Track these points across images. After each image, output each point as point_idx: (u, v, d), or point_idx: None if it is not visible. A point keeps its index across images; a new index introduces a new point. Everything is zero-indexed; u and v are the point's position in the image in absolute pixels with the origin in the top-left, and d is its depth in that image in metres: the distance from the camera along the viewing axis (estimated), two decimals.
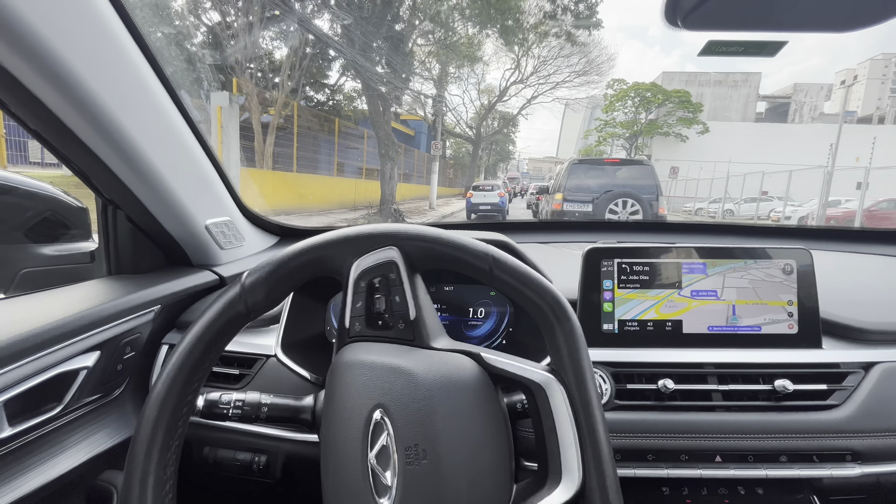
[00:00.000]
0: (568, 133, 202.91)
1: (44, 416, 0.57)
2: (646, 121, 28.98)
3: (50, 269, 0.75)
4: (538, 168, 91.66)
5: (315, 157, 12.09)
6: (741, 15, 0.56)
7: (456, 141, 30.87)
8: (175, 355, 0.44)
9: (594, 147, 31.80)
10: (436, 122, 16.83)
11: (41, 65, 0.50)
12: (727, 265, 0.74)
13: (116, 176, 0.65)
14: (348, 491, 0.42)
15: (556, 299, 0.46)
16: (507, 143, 43.15)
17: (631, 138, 30.43)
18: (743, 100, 37.66)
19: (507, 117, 28.87)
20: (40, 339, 0.55)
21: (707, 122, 27.78)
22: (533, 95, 23.92)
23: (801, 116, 38.70)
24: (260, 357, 0.74)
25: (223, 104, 7.57)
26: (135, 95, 0.62)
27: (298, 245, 0.47)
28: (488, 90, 25.65)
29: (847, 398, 0.68)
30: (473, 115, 25.93)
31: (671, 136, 28.45)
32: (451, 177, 31.04)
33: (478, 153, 27.17)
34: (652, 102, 27.98)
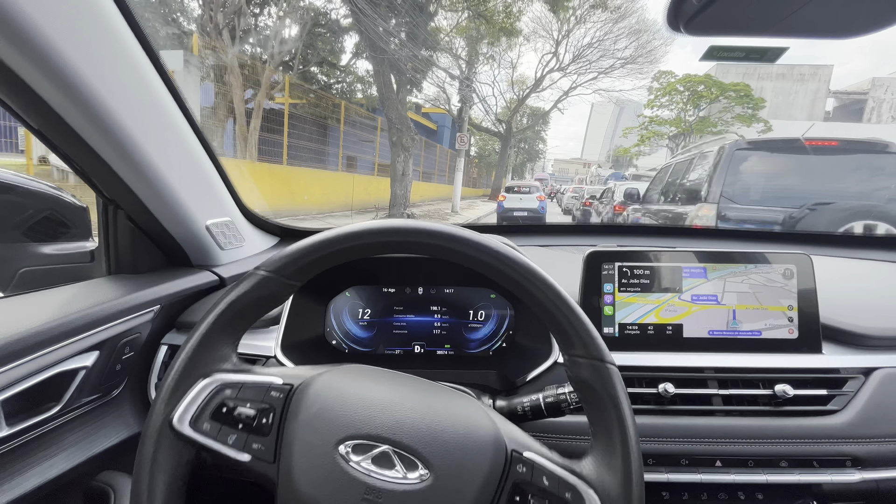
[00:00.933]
0: (594, 133, 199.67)
1: (42, 416, 0.56)
2: (695, 118, 24.65)
3: (49, 268, 0.74)
4: (564, 169, 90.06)
5: (317, 147, 10.07)
6: (743, 20, 0.56)
7: (482, 137, 28.11)
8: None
9: (633, 147, 29.05)
10: (462, 110, 14.64)
11: (44, 63, 0.50)
12: (728, 269, 0.74)
13: (118, 175, 0.65)
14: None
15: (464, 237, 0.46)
16: (537, 142, 39.51)
17: (676, 138, 27.22)
18: (810, 96, 32.53)
19: (538, 113, 26.22)
20: (39, 338, 0.54)
21: (769, 121, 23.30)
22: (572, 86, 21.22)
23: (878, 115, 32.15)
24: (259, 358, 0.74)
25: (177, 67, 6.14)
26: (137, 94, 0.62)
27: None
28: (521, 80, 22.70)
29: (847, 404, 0.68)
30: (503, 109, 23.02)
31: (724, 135, 25.43)
32: (474, 176, 28.48)
33: (507, 151, 24.29)
34: (704, 97, 23.78)
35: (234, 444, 0.42)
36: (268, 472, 0.41)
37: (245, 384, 0.44)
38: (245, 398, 0.43)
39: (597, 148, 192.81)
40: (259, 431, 0.42)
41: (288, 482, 0.40)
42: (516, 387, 0.73)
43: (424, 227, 0.46)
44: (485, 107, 22.52)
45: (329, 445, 0.40)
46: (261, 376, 0.45)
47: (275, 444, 0.42)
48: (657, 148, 29.91)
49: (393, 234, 0.46)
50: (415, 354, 0.82)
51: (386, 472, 0.38)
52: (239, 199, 0.94)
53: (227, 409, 0.43)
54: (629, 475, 0.41)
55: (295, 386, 0.44)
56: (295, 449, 0.41)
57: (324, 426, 0.41)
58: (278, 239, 1.10)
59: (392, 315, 0.83)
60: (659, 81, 24.97)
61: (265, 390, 0.44)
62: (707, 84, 23.26)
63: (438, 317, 0.83)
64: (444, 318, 0.84)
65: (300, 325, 0.78)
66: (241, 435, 0.42)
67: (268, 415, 0.43)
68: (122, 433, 0.67)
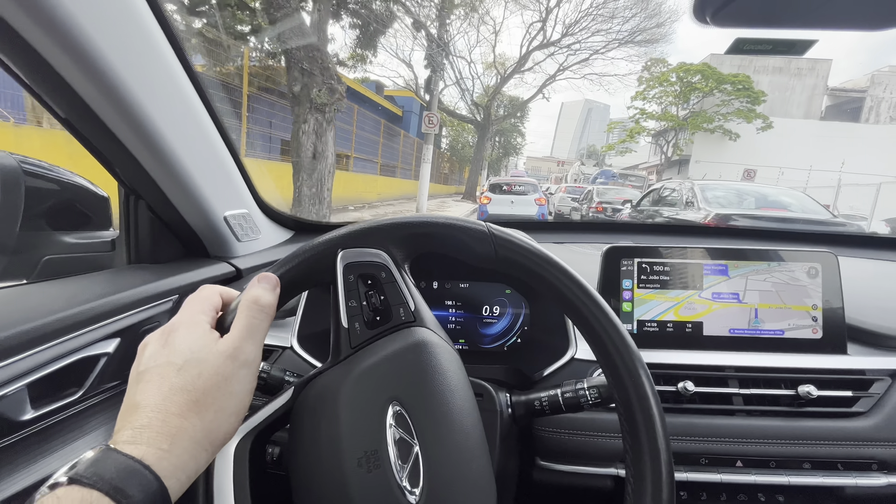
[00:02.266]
0: (563, 132, 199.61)
1: (65, 401, 0.57)
2: (689, 112, 22.49)
3: (72, 257, 0.76)
4: (537, 167, 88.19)
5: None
6: (771, 12, 0.55)
7: (454, 128, 24.71)
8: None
9: (619, 143, 26.09)
10: (431, 80, 10.75)
11: (76, 53, 0.50)
12: (750, 267, 0.72)
13: (141, 165, 0.66)
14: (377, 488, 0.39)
15: (577, 281, 0.45)
16: (515, 135, 35.09)
17: (663, 133, 24.41)
18: (808, 92, 29.54)
19: (516, 102, 22.88)
20: (62, 324, 0.55)
21: (769, 118, 20.97)
22: (560, 68, 18.36)
23: (877, 115, 29.75)
24: (276, 348, 0.74)
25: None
26: (162, 85, 0.63)
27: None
28: (501, 61, 19.20)
29: (873, 406, 0.66)
30: (479, 95, 19.56)
31: (717, 132, 21.61)
32: (445, 172, 24.33)
33: (484, 141, 20.01)
34: (698, 90, 21.30)
35: (349, 309, 0.44)
36: (339, 349, 0.43)
37: (396, 282, 0.45)
38: (386, 291, 0.45)
39: (566, 146, 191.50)
40: (368, 320, 0.44)
41: (341, 374, 0.42)
42: (532, 382, 0.73)
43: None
44: (460, 87, 18.85)
45: (389, 392, 0.40)
46: (407, 290, 0.46)
47: (366, 340, 0.43)
48: (644, 146, 27.75)
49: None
50: None
51: (398, 459, 0.38)
52: (256, 192, 0.95)
53: (370, 283, 0.45)
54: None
55: (414, 324, 0.45)
56: (370, 362, 0.42)
57: (401, 376, 0.41)
58: (293, 233, 1.11)
59: None
60: (650, 71, 22.43)
61: (400, 303, 0.45)
62: (705, 74, 20.88)
63: (453, 311, 0.83)
64: (459, 312, 0.83)
65: (317, 317, 0.78)
66: (357, 308, 0.44)
67: (385, 319, 0.44)
68: None
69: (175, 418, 0.31)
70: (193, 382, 0.33)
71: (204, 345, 0.35)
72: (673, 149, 23.83)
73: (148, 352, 0.36)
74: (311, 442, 0.40)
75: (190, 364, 0.34)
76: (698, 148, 23.23)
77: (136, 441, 0.30)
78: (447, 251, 0.47)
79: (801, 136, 22.67)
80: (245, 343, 0.37)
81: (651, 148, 30.35)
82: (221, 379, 0.34)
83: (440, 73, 10.44)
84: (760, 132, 20.94)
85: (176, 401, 0.32)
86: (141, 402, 0.32)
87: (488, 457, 0.43)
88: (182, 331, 0.36)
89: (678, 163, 25.16)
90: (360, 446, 0.38)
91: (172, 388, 0.33)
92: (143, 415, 0.31)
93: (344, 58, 10.02)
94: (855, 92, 30.71)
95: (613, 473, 0.66)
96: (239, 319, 0.38)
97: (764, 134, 21.08)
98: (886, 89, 29.62)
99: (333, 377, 0.42)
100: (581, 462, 0.66)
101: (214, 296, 0.41)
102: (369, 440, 0.38)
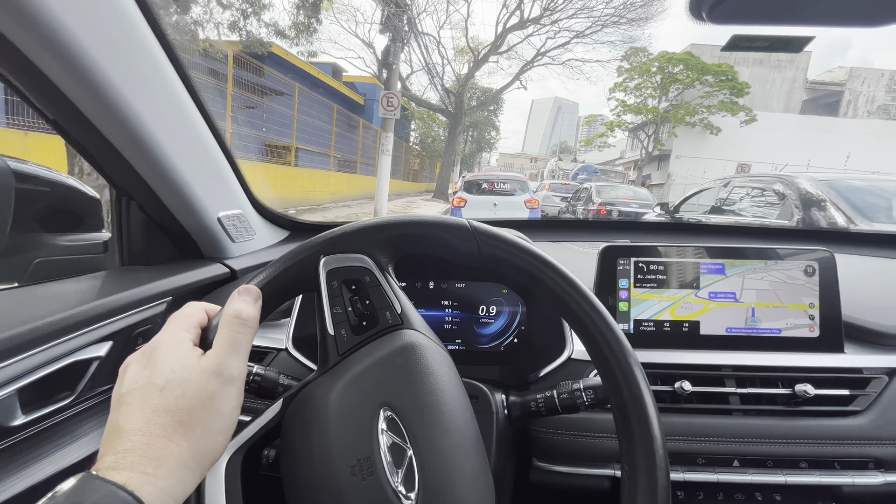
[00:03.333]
0: (534, 129, 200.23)
1: (56, 405, 0.57)
2: (670, 104, 21.43)
3: (64, 259, 0.75)
4: (510, 164, 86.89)
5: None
6: (768, 8, 0.55)
7: (424, 121, 21.72)
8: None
9: (598, 138, 24.39)
10: (390, 54, 8.31)
11: (62, 54, 0.49)
12: (747, 266, 0.72)
13: (132, 166, 0.65)
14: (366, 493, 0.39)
15: (565, 276, 0.45)
16: (490, 128, 32.29)
17: (643, 127, 23.21)
18: (787, 85, 28.95)
19: (489, 93, 20.42)
20: (54, 327, 0.55)
21: (753, 111, 19.97)
22: (539, 52, 16.31)
23: (855, 109, 29.04)
24: (271, 350, 0.74)
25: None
26: (153, 85, 0.62)
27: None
28: (475, 46, 16.84)
29: (870, 404, 0.66)
30: (453, 83, 17.22)
31: (698, 126, 20.71)
32: (415, 168, 22.25)
33: (457, 133, 17.28)
34: (679, 81, 20.30)
35: (334, 316, 0.43)
36: (327, 357, 0.43)
37: (381, 286, 0.45)
38: (371, 295, 0.44)
39: (537, 143, 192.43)
40: (354, 326, 0.44)
41: (330, 382, 0.41)
42: (528, 382, 0.72)
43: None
44: (429, 71, 16.13)
45: (380, 398, 0.40)
46: (393, 293, 0.45)
47: (353, 346, 0.43)
48: (621, 141, 26.17)
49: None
50: None
51: (391, 464, 0.37)
52: (250, 192, 0.94)
53: (354, 288, 0.44)
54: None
55: (402, 327, 0.44)
56: (359, 368, 0.41)
57: (390, 380, 0.41)
58: (288, 232, 1.10)
59: None
60: (629, 61, 21.03)
61: (385, 306, 0.44)
62: (688, 63, 19.66)
63: (449, 311, 0.83)
64: (455, 313, 0.83)
65: (311, 318, 0.78)
66: (343, 314, 0.44)
67: (371, 323, 0.44)
68: None
69: (160, 440, 0.30)
70: (177, 402, 0.32)
71: (186, 363, 0.34)
72: (654, 143, 22.91)
73: (129, 373, 0.35)
74: (304, 453, 0.39)
75: (172, 384, 0.33)
76: (679, 142, 22.32)
77: (119, 466, 0.29)
78: (431, 251, 0.47)
79: (778, 130, 22.05)
80: (228, 359, 0.36)
81: (629, 143, 29.18)
82: (206, 397, 0.33)
83: (401, 44, 8.09)
84: (744, 125, 20.15)
85: (160, 422, 0.31)
86: (124, 425, 0.31)
87: (484, 456, 0.43)
88: (163, 349, 0.35)
89: (658, 158, 24.58)
90: (352, 454, 0.38)
91: (156, 409, 0.32)
92: (125, 439, 0.30)
93: (284, 26, 8.25)
94: (833, 85, 29.95)
95: (611, 474, 0.66)
96: (221, 335, 0.37)
97: (746, 128, 20.32)
98: (865, 83, 29.04)
99: (322, 386, 0.41)
100: (578, 463, 0.66)
101: (198, 312, 0.40)
102: (362, 447, 0.38)
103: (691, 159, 21.19)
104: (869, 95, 29.02)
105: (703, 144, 21.55)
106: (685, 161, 21.31)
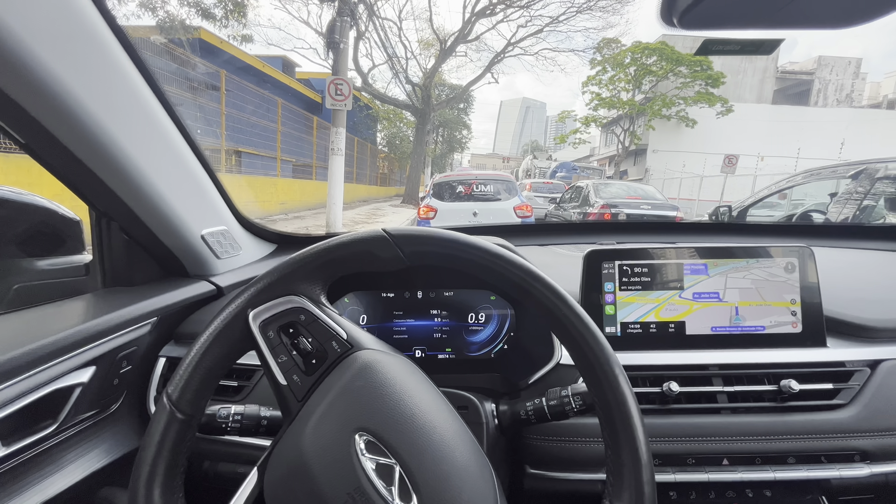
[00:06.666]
0: (504, 129, 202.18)
1: (39, 435, 0.55)
2: (645, 97, 20.72)
3: (44, 284, 0.74)
4: (482, 164, 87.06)
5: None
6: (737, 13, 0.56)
7: (389, 119, 20.34)
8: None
9: (572, 134, 23.90)
10: (336, 31, 6.45)
11: (29, 76, 0.49)
12: (729, 265, 0.73)
13: (108, 187, 0.64)
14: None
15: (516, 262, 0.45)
16: (461, 127, 30.55)
17: (618, 121, 22.65)
18: (759, 75, 28.34)
19: (457, 90, 18.92)
20: (33, 356, 0.54)
21: (729, 101, 19.49)
22: (511, 40, 15.20)
23: (825, 98, 28.47)
24: (258, 368, 0.73)
25: None
26: (125, 103, 0.62)
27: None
28: (440, 35, 15.53)
29: (854, 397, 0.67)
30: (420, 78, 15.71)
31: (674, 119, 20.08)
32: (383, 172, 21.08)
33: (425, 131, 15.89)
34: (653, 73, 19.75)
35: (281, 365, 0.44)
36: (289, 406, 0.43)
37: (318, 320, 0.45)
38: (311, 332, 0.45)
39: (507, 143, 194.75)
40: (305, 368, 0.44)
41: (298, 431, 0.41)
42: (519, 389, 0.72)
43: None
44: (392, 64, 14.67)
45: (351, 426, 0.40)
46: (333, 322, 0.45)
47: (310, 388, 0.43)
48: (595, 136, 25.54)
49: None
50: (415, 359, 0.82)
51: (382, 484, 0.37)
52: (234, 207, 0.93)
53: (293, 331, 0.45)
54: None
55: (352, 352, 0.44)
56: (322, 407, 0.41)
57: (356, 406, 0.41)
58: (275, 246, 1.09)
59: (392, 320, 0.82)
60: (602, 52, 20.38)
61: (330, 337, 0.45)
62: (663, 54, 18.92)
63: (438, 321, 0.83)
64: (445, 321, 0.83)
65: None
66: (289, 361, 0.44)
67: (320, 359, 0.44)
68: (121, 448, 0.67)
69: None
70: None
71: None
72: (630, 138, 22.26)
73: None
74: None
75: None
76: (655, 136, 21.69)
77: None
78: (357, 269, 0.47)
79: (752, 121, 21.28)
80: None
81: (602, 138, 28.61)
82: None
83: (349, 19, 6.56)
84: (720, 117, 19.59)
85: None
86: None
87: (472, 440, 0.43)
88: None
89: (634, 153, 24.34)
90: (342, 489, 0.37)
91: None
92: None
93: (209, 4, 7.09)
94: (803, 74, 29.84)
95: (603, 478, 0.66)
96: None
97: (721, 120, 19.74)
98: (833, 71, 28.92)
99: (291, 437, 0.41)
100: (571, 468, 0.66)
101: None
102: (348, 480, 0.37)
103: (668, 153, 20.53)
104: (837, 84, 29.02)
105: (679, 138, 21.10)
106: (662, 155, 20.98)
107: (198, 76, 7.19)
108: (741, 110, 20.87)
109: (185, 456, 0.43)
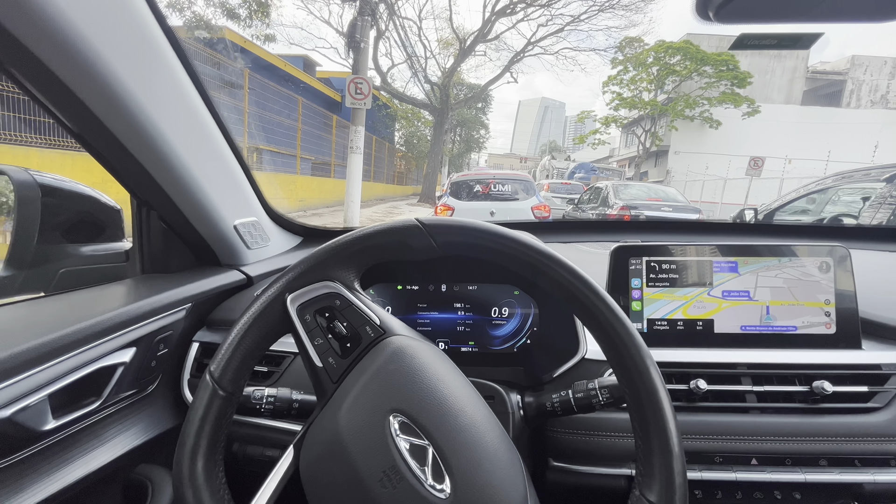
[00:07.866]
0: (522, 129, 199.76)
1: (84, 410, 0.58)
2: (667, 97, 20.09)
3: (87, 268, 0.77)
4: (499, 164, 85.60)
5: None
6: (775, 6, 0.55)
7: (407, 118, 20.32)
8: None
9: (591, 135, 23.09)
10: (357, 30, 6.68)
11: (88, 70, 0.52)
12: (760, 264, 0.72)
13: (152, 177, 0.67)
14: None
15: (541, 251, 0.46)
16: (478, 127, 29.75)
17: (639, 122, 22.24)
18: (788, 74, 26.87)
19: (476, 89, 18.93)
20: (81, 335, 0.56)
21: (756, 102, 18.50)
22: (531, 39, 14.96)
23: (858, 99, 26.89)
24: (288, 354, 0.75)
25: None
26: (172, 98, 0.64)
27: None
28: (460, 35, 15.45)
29: (890, 401, 0.65)
30: (438, 77, 15.67)
31: (697, 120, 19.41)
32: (400, 171, 21.01)
33: (443, 130, 15.87)
34: (676, 73, 19.04)
35: (317, 347, 0.45)
36: (323, 388, 0.44)
37: (353, 305, 0.46)
38: (346, 317, 0.46)
39: (525, 144, 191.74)
40: (340, 351, 0.45)
41: (333, 411, 0.42)
42: (543, 383, 0.73)
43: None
44: (412, 63, 14.62)
45: (385, 407, 0.41)
46: (367, 308, 0.47)
47: (344, 370, 0.44)
48: (612, 137, 24.65)
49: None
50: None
51: (416, 464, 0.38)
52: (264, 200, 0.96)
53: (328, 315, 0.46)
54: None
55: (385, 337, 0.45)
56: (357, 389, 0.42)
57: (389, 388, 0.42)
58: (301, 238, 1.12)
59: (416, 313, 0.83)
60: (623, 52, 19.75)
61: (363, 322, 0.46)
62: (687, 53, 18.19)
63: (462, 314, 0.83)
64: (468, 315, 0.83)
65: None
66: (325, 344, 0.45)
67: (355, 343, 0.45)
68: (158, 427, 0.69)
69: None
70: None
71: None
72: (651, 139, 21.73)
73: None
74: (330, 484, 0.40)
75: None
76: (677, 137, 21.17)
77: None
78: (390, 257, 0.48)
79: (786, 122, 20.48)
80: None
81: (622, 139, 27.82)
82: None
83: (370, 18, 6.74)
84: (746, 118, 18.65)
85: None
86: None
87: (498, 425, 0.44)
88: None
89: (655, 154, 23.69)
90: (377, 468, 0.38)
91: None
92: None
93: (234, 4, 7.17)
94: (835, 74, 28.15)
95: (628, 473, 0.66)
96: None
97: (747, 121, 18.79)
98: (867, 71, 27.33)
99: (327, 417, 0.42)
100: (595, 462, 0.66)
101: None
102: (383, 459, 0.39)
103: (690, 154, 19.97)
104: (872, 84, 27.43)
105: (702, 139, 20.49)
106: (684, 157, 20.48)
107: (223, 75, 7.33)
108: (768, 111, 20.03)
109: (225, 432, 0.45)
